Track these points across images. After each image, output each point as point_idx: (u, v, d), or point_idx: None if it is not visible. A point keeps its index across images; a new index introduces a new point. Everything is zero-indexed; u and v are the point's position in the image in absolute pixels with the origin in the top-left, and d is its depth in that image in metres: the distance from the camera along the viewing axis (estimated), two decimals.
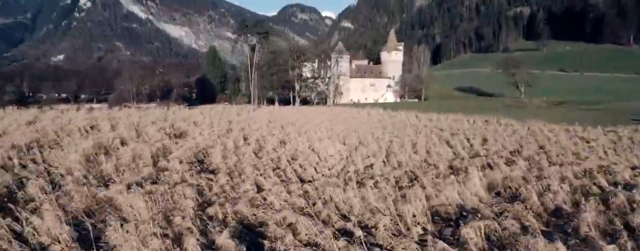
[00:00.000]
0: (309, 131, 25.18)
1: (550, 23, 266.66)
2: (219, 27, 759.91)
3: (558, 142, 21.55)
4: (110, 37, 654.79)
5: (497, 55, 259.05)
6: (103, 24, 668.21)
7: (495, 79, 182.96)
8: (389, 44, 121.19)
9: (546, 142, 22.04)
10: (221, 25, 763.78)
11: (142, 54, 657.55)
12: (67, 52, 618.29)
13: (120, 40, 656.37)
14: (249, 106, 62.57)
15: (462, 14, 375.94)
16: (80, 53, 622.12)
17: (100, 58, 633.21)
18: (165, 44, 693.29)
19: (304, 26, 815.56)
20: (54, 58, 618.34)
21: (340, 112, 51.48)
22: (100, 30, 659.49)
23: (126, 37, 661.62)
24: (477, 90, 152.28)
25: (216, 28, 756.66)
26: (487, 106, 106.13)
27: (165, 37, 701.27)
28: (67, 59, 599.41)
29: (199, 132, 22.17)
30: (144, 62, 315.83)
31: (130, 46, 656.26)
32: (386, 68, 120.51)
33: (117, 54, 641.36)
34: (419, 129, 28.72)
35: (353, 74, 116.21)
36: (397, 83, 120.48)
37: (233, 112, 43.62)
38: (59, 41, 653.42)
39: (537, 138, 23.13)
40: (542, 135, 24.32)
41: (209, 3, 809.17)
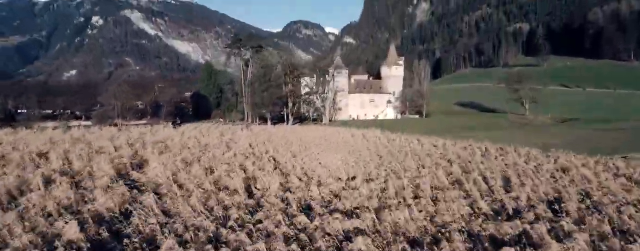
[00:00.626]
0: (286, 165, 19.81)
1: (550, 39, 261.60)
2: (226, 42, 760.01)
3: (604, 186, 15.99)
4: (121, 53, 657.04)
5: (497, 70, 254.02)
6: (114, 41, 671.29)
7: (496, 95, 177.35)
8: (390, 59, 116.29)
9: (587, 184, 16.49)
10: (228, 41, 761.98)
11: (151, 69, 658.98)
12: (79, 68, 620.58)
13: (130, 56, 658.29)
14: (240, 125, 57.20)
15: (462, 29, 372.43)
16: (92, 68, 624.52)
17: (110, 73, 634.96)
18: (173, 59, 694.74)
19: (308, 42, 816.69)
20: (67, 74, 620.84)
21: (334, 133, 45.99)
22: (111, 46, 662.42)
23: (136, 53, 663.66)
24: (479, 106, 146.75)
25: (223, 44, 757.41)
26: (491, 124, 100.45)
27: (174, 52, 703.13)
28: (79, 75, 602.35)
29: (163, 161, 17.17)
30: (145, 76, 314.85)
31: (140, 62, 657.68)
32: (386, 83, 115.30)
33: (127, 69, 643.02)
34: (422, 160, 23.22)
35: (352, 90, 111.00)
36: (397, 99, 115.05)
37: (216, 133, 38.42)
38: (72, 57, 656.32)
39: (573, 178, 17.58)
40: (577, 172, 18.74)
41: (216, 20, 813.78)
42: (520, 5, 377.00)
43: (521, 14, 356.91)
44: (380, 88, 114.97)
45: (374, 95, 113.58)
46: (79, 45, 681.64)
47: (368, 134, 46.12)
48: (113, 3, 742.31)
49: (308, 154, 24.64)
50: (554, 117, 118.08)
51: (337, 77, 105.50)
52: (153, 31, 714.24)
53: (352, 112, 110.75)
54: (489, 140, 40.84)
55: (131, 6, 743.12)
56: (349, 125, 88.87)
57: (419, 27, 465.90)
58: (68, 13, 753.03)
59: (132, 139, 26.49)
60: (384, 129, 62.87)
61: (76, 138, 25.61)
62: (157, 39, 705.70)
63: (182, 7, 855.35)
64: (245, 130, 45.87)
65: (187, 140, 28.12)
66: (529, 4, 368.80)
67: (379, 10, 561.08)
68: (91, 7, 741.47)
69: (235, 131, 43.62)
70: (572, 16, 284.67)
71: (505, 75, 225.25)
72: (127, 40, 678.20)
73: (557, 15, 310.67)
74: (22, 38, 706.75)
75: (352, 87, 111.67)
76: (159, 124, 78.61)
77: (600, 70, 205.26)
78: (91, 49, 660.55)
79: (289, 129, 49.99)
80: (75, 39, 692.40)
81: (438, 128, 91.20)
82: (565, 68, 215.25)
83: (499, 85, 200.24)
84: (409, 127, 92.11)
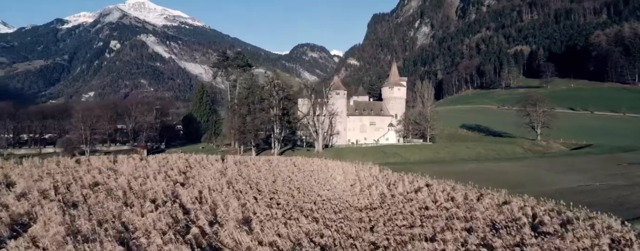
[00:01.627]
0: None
1: (552, 61, 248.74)
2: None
3: None
4: (136, 75, 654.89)
5: (499, 91, 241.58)
6: (130, 63, 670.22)
7: (501, 117, 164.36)
8: (391, 79, 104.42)
9: None
10: None
11: (164, 89, 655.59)
12: (96, 90, 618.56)
13: (144, 78, 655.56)
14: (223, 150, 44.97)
15: (463, 51, 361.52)
16: (109, 89, 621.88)
17: (126, 94, 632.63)
18: (185, 80, 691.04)
19: (313, 63, 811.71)
20: (85, 95, 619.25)
21: (318, 170, 33.86)
22: (127, 68, 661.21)
23: (150, 74, 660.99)
24: (485, 129, 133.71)
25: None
26: (504, 151, 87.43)
27: (186, 74, 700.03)
28: (96, 96, 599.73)
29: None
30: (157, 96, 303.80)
31: (154, 83, 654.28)
32: (388, 105, 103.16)
33: (141, 90, 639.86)
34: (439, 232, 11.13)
35: (351, 112, 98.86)
36: (400, 121, 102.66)
37: (176, 170, 26.97)
38: (91, 79, 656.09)
39: None
40: None
41: (227, 43, 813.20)
42: (519, 28, 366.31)
43: (520, 37, 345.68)
44: (381, 110, 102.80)
45: (374, 118, 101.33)
46: (97, 67, 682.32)
47: (362, 172, 33.96)
48: (130, 28, 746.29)
49: (268, 213, 12.51)
50: (565, 142, 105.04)
51: (335, 99, 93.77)
52: (167, 54, 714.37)
53: (351, 135, 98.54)
54: (514, 176, 28.29)
55: (147, 31, 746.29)
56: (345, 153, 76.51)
57: (420, 49, 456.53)
58: (88, 38, 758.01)
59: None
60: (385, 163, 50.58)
61: None
62: (170, 62, 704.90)
63: (195, 31, 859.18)
64: (215, 164, 34.02)
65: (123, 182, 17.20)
66: (528, 28, 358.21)
67: (381, 32, 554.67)
68: (110, 32, 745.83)
69: (206, 165, 31.94)
70: (571, 39, 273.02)
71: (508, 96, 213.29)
72: (142, 62, 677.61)
73: (557, 38, 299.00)
74: (45, 62, 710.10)
75: (351, 109, 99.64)
76: (136, 151, 66.77)
77: (606, 92, 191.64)
78: (108, 71, 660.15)
79: (261, 165, 37.97)
80: (94, 62, 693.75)
81: (446, 157, 78.76)
82: (570, 91, 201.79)
83: (503, 107, 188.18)
84: (413, 155, 79.94)
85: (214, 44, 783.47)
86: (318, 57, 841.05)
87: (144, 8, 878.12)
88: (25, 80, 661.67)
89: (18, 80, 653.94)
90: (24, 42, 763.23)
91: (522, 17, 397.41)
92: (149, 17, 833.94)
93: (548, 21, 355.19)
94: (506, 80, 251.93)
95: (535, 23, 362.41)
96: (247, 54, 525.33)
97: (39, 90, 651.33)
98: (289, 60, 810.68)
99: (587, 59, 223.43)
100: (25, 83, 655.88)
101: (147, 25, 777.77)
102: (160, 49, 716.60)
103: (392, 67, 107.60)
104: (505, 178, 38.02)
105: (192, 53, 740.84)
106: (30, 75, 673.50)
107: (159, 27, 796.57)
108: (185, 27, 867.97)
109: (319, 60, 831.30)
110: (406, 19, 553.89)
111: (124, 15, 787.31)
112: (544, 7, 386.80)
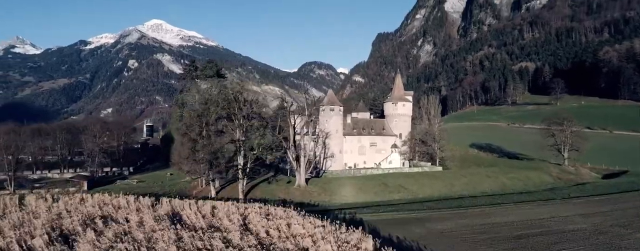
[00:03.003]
0: None
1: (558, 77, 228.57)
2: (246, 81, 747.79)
3: None
4: (151, 92, 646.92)
5: (505, 108, 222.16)
6: (146, 81, 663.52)
7: (513, 135, 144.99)
8: (395, 93, 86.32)
9: None
10: (248, 79, 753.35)
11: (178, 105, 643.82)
12: (114, 106, 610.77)
13: (159, 94, 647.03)
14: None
15: (466, 68, 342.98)
16: (126, 106, 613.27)
17: (142, 110, 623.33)
18: None
19: (320, 80, 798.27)
20: (104, 111, 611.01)
21: None
22: (143, 86, 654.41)
23: (165, 91, 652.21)
24: (498, 149, 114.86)
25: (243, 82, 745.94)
26: (531, 181, 67.99)
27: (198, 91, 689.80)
28: (114, 112, 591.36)
29: None
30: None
31: (168, 99, 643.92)
32: (391, 123, 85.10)
33: (156, 106, 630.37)
34: None
35: (348, 131, 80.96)
36: (405, 142, 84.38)
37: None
38: (109, 96, 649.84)
39: None
40: None
41: (239, 61, 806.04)
42: (521, 46, 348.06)
43: (523, 54, 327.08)
44: (383, 129, 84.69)
45: (375, 138, 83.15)
46: (116, 85, 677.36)
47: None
48: (147, 48, 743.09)
49: None
50: (594, 167, 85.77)
51: (328, 115, 76.09)
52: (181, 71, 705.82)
53: (348, 158, 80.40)
54: None
55: (163, 50, 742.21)
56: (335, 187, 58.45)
57: (423, 66, 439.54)
58: (109, 58, 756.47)
59: None
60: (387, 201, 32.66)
61: None
62: None
63: (208, 50, 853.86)
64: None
65: None
66: (530, 45, 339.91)
67: (385, 50, 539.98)
68: (129, 52, 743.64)
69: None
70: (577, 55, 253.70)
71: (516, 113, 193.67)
72: (157, 80, 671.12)
73: (561, 55, 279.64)
74: (68, 80, 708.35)
75: (348, 127, 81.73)
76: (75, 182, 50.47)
77: (620, 110, 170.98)
78: (126, 88, 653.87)
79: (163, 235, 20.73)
80: (113, 80, 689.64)
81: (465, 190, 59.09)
82: (581, 108, 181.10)
83: (513, 124, 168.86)
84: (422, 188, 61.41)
85: (226, 62, 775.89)
86: (325, 74, 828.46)
87: (162, 29, 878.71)
88: (49, 97, 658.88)
89: (43, 98, 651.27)
90: (49, 62, 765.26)
91: (523, 36, 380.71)
92: (165, 38, 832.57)
93: (550, 39, 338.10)
94: (512, 97, 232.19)
95: (537, 41, 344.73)
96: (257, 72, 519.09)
97: (62, 107, 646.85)
98: (297, 77, 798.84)
99: (597, 75, 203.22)
100: (49, 101, 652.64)
101: (164, 45, 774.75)
102: (175, 67, 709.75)
103: (396, 79, 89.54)
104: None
105: None
106: (54, 93, 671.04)
107: (174, 47, 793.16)
108: (200, 46, 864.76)
109: (326, 77, 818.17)
110: (409, 37, 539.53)
111: (143, 36, 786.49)
112: (544, 26, 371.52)
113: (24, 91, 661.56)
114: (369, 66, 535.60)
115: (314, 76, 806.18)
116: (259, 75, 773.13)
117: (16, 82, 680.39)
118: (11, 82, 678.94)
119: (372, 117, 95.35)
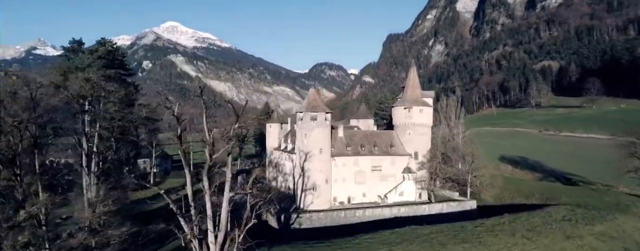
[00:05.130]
0: None
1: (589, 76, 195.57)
2: (257, 82, 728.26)
3: None
4: (164, 93, 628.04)
5: (530, 111, 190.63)
6: (159, 82, 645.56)
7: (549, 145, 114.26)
8: (409, 93, 57.44)
9: None
10: (259, 80, 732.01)
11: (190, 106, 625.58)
12: None
13: (172, 95, 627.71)
14: None
15: (481, 67, 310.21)
16: None
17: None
18: (210, 97, 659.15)
19: (331, 81, 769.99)
20: None
21: None
22: (156, 87, 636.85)
23: (177, 92, 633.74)
24: (538, 166, 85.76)
25: (255, 83, 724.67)
26: (627, 235, 40.02)
27: (211, 91, 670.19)
28: None
29: None
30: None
31: (180, 99, 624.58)
32: (403, 136, 56.76)
33: None
34: None
35: (340, 149, 53.18)
36: (422, 164, 56.04)
37: None
38: None
39: None
40: None
41: (251, 62, 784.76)
42: (540, 44, 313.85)
43: (542, 53, 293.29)
44: (392, 145, 56.36)
45: (380, 159, 54.90)
46: None
47: None
48: (162, 49, 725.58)
49: None
50: None
51: (308, 127, 48.53)
52: (194, 72, 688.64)
53: (339, 190, 52.49)
54: None
55: (177, 51, 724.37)
56: None
57: (435, 66, 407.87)
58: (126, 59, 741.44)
59: None
60: None
61: None
62: (196, 79, 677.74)
63: (222, 51, 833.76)
64: None
65: None
66: (548, 44, 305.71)
67: (396, 51, 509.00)
68: (144, 53, 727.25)
69: None
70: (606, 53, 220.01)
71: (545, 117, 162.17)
72: (170, 80, 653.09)
73: (586, 53, 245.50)
74: None
75: (340, 144, 53.89)
76: None
77: None
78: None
79: None
80: None
81: None
82: (621, 112, 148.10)
83: (547, 131, 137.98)
84: None
85: (239, 63, 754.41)
86: (336, 75, 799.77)
87: (177, 31, 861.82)
88: None
89: None
90: None
91: (540, 34, 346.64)
92: (180, 39, 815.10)
93: (569, 37, 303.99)
94: (536, 99, 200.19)
95: (556, 39, 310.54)
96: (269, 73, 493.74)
97: None
98: (308, 78, 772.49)
99: (637, 75, 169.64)
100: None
101: (179, 46, 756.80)
102: (188, 68, 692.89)
103: (410, 75, 60.47)
104: None
105: (217, 72, 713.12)
106: None
107: (189, 48, 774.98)
108: (214, 48, 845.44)
109: (337, 78, 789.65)
110: (420, 38, 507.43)
111: (158, 38, 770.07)
112: (562, 25, 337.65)
113: None
114: (379, 66, 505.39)
115: (325, 77, 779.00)
116: (270, 76, 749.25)
117: None
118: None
119: (376, 127, 67.43)
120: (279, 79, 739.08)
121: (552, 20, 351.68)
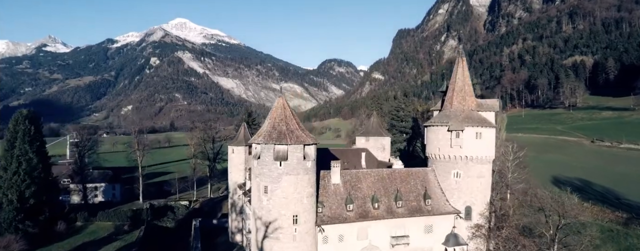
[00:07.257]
0: None
1: (630, 74, 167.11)
2: (265, 79, 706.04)
3: None
4: (171, 89, 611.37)
5: (565, 113, 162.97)
6: (167, 78, 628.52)
7: (612, 162, 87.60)
8: (456, 103, 33.20)
9: None
10: (267, 77, 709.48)
11: (197, 103, 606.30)
12: (134, 103, 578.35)
13: (179, 92, 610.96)
14: None
15: (502, 63, 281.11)
16: (145, 103, 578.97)
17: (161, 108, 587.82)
18: (217, 94, 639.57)
19: (340, 78, 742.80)
20: (125, 108, 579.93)
21: None
22: (163, 83, 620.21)
23: (184, 88, 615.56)
24: (612, 195, 60.03)
25: (263, 80, 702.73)
26: None
27: (219, 88, 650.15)
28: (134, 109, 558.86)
29: None
30: None
31: (188, 96, 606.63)
32: (444, 180, 32.30)
33: (175, 103, 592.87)
34: None
35: (334, 209, 27.83)
36: (478, 227, 31.72)
37: None
38: (131, 93, 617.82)
39: None
40: None
41: (259, 59, 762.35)
42: (565, 38, 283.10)
43: (568, 47, 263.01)
44: (427, 197, 32.01)
45: (406, 223, 30.75)
46: (137, 82, 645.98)
47: None
48: (170, 46, 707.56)
49: None
50: None
51: (268, 174, 24.38)
52: (201, 69, 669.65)
53: None
54: None
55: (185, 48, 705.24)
56: None
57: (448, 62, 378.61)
58: (134, 56, 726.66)
59: None
60: None
61: None
62: (204, 76, 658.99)
63: (231, 48, 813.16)
64: None
65: None
66: (575, 37, 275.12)
67: (406, 47, 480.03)
68: (152, 50, 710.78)
69: None
70: None
71: (589, 122, 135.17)
72: (177, 77, 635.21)
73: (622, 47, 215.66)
74: (94, 78, 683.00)
75: (335, 198, 29.82)
76: None
77: None
78: (147, 86, 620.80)
79: None
80: (135, 77, 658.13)
81: None
82: None
83: (602, 142, 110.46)
84: None
85: (247, 60, 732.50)
86: (345, 71, 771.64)
87: (185, 27, 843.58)
88: (74, 94, 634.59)
89: (68, 95, 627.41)
90: (78, 60, 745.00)
91: (562, 28, 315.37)
92: (189, 36, 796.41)
93: (596, 30, 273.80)
94: (570, 99, 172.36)
95: (582, 33, 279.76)
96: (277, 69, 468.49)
97: (86, 104, 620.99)
98: (317, 74, 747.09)
99: None
100: (75, 98, 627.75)
101: (187, 43, 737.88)
102: (195, 64, 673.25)
103: (458, 68, 35.35)
104: None
105: (225, 68, 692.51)
106: (79, 90, 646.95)
107: (197, 45, 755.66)
108: (222, 44, 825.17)
109: (346, 75, 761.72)
110: (432, 33, 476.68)
111: (167, 35, 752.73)
112: (586, 17, 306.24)
113: (52, 88, 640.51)
114: (389, 63, 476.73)
115: (334, 73, 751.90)
116: (279, 72, 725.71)
117: (45, 80, 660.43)
118: (40, 79, 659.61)
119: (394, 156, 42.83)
120: (287, 76, 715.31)
121: (575, 13, 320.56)
